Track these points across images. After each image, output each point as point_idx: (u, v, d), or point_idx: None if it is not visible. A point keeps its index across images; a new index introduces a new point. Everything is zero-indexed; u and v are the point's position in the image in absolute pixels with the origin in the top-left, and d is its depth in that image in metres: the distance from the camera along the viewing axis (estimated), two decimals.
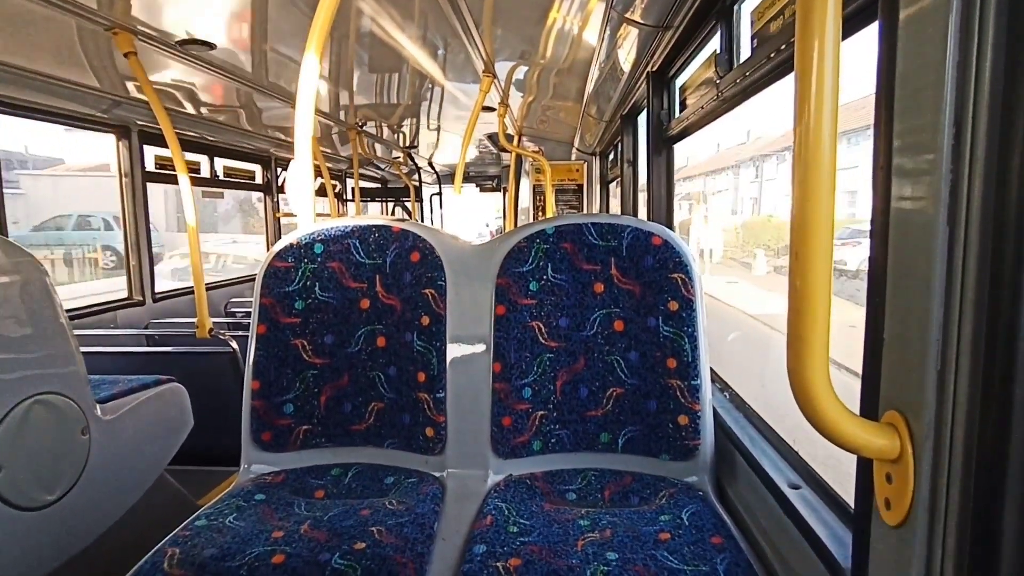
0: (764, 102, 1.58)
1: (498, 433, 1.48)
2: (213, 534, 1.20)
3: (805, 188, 0.58)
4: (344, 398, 1.56)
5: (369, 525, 1.22)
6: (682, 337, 1.44)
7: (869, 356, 0.69)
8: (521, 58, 2.94)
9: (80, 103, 3.17)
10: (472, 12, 2.19)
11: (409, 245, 1.55)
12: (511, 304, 1.50)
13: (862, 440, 0.63)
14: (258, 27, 2.33)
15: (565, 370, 1.51)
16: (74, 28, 2.20)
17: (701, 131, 2.13)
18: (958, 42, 0.55)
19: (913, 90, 0.61)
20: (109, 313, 3.57)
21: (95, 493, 1.86)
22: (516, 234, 1.55)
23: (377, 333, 1.56)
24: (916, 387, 0.61)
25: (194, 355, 2.83)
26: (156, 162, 3.93)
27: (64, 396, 1.77)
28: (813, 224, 0.58)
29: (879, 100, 0.66)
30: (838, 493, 1.07)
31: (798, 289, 0.59)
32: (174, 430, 2.33)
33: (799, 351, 0.60)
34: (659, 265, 1.47)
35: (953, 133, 0.57)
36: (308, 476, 1.49)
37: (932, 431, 0.60)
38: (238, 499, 1.35)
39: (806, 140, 0.57)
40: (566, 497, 1.40)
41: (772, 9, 1.33)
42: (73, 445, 1.81)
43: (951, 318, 0.58)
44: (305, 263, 1.55)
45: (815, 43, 0.56)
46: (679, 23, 1.97)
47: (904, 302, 0.63)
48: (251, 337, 1.54)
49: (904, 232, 0.63)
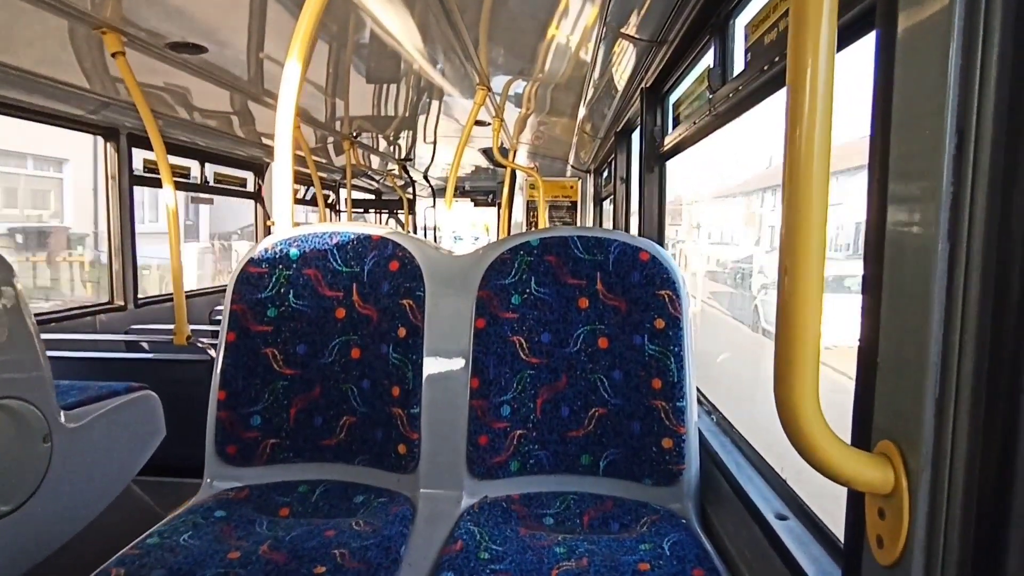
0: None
1: (474, 452, 1.42)
2: (164, 553, 1.12)
3: (795, 205, 0.54)
4: (315, 411, 1.49)
5: (332, 548, 1.15)
6: (668, 356, 1.39)
7: (862, 381, 0.65)
8: (516, 72, 2.93)
9: (67, 103, 3.12)
10: (468, 25, 2.17)
11: (388, 253, 1.50)
12: (492, 318, 1.45)
13: (852, 472, 0.58)
14: (251, 32, 2.31)
15: (546, 388, 1.45)
16: (64, 26, 2.17)
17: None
18: (961, 51, 0.52)
19: (912, 101, 0.58)
20: (89, 317, 3.50)
21: (55, 504, 1.77)
22: (499, 245, 1.50)
23: (352, 344, 1.50)
24: (912, 416, 0.56)
25: (171, 362, 2.76)
26: (145, 166, 3.89)
27: (25, 401, 1.70)
28: (803, 243, 0.54)
29: (875, 111, 0.62)
30: (827, 526, 1.02)
31: (786, 311, 0.55)
32: (144, 440, 2.25)
33: (787, 376, 0.55)
34: (646, 281, 1.42)
35: (955, 145, 0.53)
36: (273, 493, 1.42)
37: (929, 464, 0.55)
38: (196, 515, 1.28)
39: (797, 157, 0.54)
40: (543, 522, 1.34)
41: (767, 22, 1.31)
42: (33, 453, 1.73)
43: (951, 341, 0.54)
44: (280, 269, 1.50)
45: (808, 53, 0.53)
46: (674, 37, 1.96)
47: (900, 324, 0.59)
48: (220, 345, 1.48)
49: (900, 250, 0.59)
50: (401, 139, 4.92)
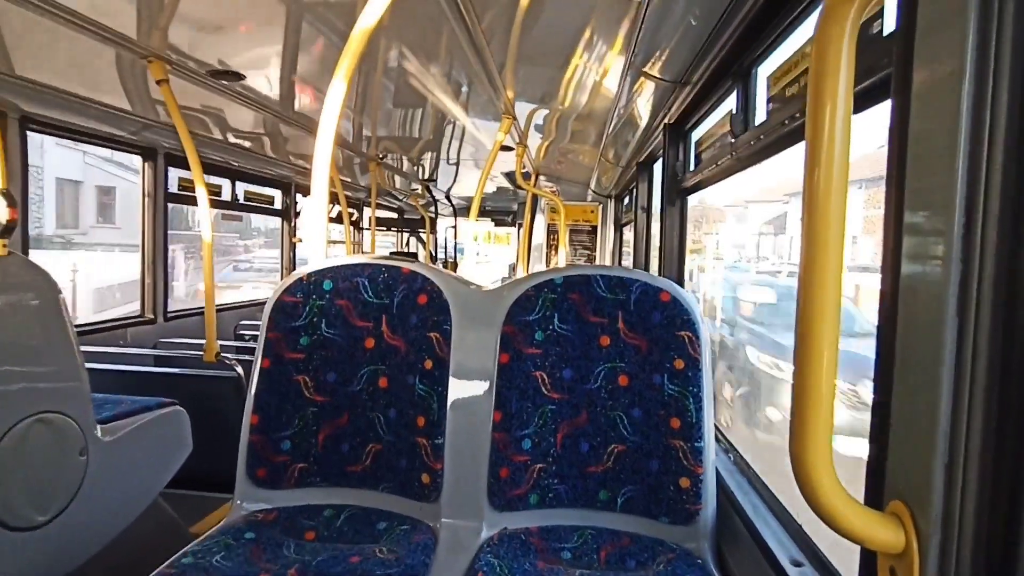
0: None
1: (495, 484, 1.45)
2: (199, 573, 1.17)
3: (812, 265, 0.58)
4: (342, 438, 1.54)
5: (357, 574, 1.19)
6: (687, 396, 1.42)
7: (875, 441, 0.67)
8: (541, 102, 3.00)
9: (112, 124, 3.27)
10: (495, 56, 2.24)
11: (417, 287, 1.55)
12: (516, 352, 1.49)
13: (864, 531, 0.60)
14: (287, 60, 2.41)
15: (567, 423, 1.49)
16: (111, 55, 2.29)
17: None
18: (970, 116, 0.55)
19: (923, 169, 0.61)
20: (120, 329, 3.61)
21: (87, 516, 1.84)
22: (524, 282, 1.55)
23: (380, 373, 1.55)
24: (923, 479, 0.59)
25: (198, 378, 2.83)
26: (179, 184, 4.03)
27: (66, 416, 1.77)
28: (819, 300, 0.57)
29: (890, 177, 0.66)
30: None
31: (803, 372, 0.58)
32: (172, 454, 2.32)
33: (802, 435, 0.58)
34: (667, 322, 1.45)
35: (964, 217, 0.56)
36: (300, 516, 1.46)
37: (939, 527, 0.58)
38: (227, 536, 1.33)
39: (815, 219, 0.57)
40: (561, 556, 1.36)
41: (788, 76, 1.35)
42: (70, 466, 1.81)
43: (960, 407, 0.57)
44: (313, 299, 1.56)
45: (826, 118, 0.57)
46: (697, 80, 2.00)
47: (912, 387, 0.62)
48: (255, 370, 1.54)
49: (912, 316, 0.62)
50: (425, 160, 5.01)
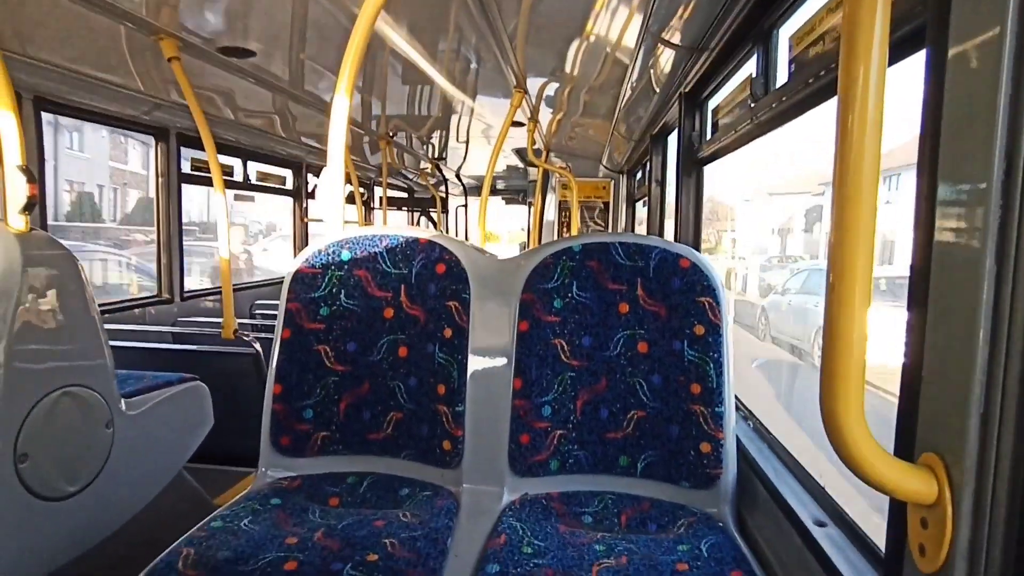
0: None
1: (516, 450, 1.47)
2: (228, 536, 1.20)
3: (844, 217, 0.56)
4: (363, 406, 1.56)
5: (383, 537, 1.21)
6: (707, 362, 1.42)
7: (906, 393, 0.67)
8: (553, 75, 2.96)
9: (123, 104, 3.27)
10: (507, 28, 2.20)
11: (435, 257, 1.55)
12: (535, 320, 1.49)
13: (895, 482, 0.60)
14: (296, 37, 2.39)
15: (586, 390, 1.49)
16: (122, 33, 2.28)
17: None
18: (1011, 72, 0.54)
19: (962, 120, 0.59)
20: (139, 309, 3.66)
21: (115, 487, 1.88)
22: (542, 250, 1.54)
23: (399, 343, 1.56)
24: (957, 430, 0.59)
25: (217, 354, 2.87)
26: (192, 164, 4.03)
27: (91, 389, 1.81)
28: (851, 256, 0.56)
29: (924, 129, 0.64)
30: (866, 534, 1.03)
31: (833, 325, 0.57)
32: (194, 428, 2.36)
33: (832, 388, 0.58)
34: (686, 288, 1.44)
35: (1004, 167, 0.55)
36: (324, 483, 1.49)
37: (973, 477, 0.57)
38: (254, 502, 1.35)
39: (847, 170, 0.56)
40: (582, 520, 1.38)
41: (812, 35, 1.32)
42: (97, 438, 1.84)
43: (997, 357, 0.56)
44: (332, 270, 1.57)
45: (860, 69, 0.55)
46: (715, 45, 1.96)
47: (945, 339, 0.61)
48: (276, 341, 1.55)
49: (948, 266, 0.61)
50: (435, 138, 4.98)
